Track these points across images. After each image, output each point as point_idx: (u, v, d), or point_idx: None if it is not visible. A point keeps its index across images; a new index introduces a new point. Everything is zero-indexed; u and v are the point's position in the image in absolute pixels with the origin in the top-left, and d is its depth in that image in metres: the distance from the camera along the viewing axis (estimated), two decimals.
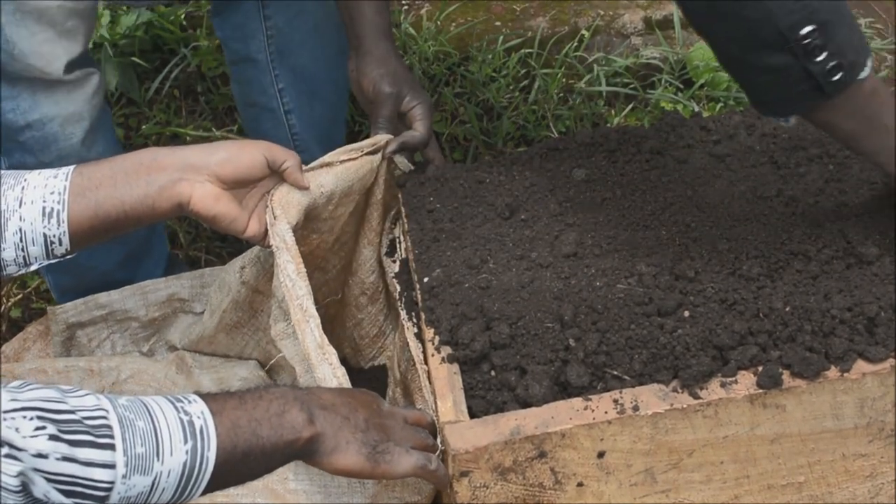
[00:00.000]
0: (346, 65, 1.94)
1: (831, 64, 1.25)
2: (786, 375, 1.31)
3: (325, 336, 1.34)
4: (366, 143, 1.58)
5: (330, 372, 1.31)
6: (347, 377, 1.32)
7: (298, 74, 1.98)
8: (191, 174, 1.34)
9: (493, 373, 1.35)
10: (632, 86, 2.56)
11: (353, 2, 1.69)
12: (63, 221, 1.27)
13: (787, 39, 1.25)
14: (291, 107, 2.02)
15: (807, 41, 1.24)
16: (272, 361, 1.73)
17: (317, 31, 1.94)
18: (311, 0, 1.90)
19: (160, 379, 1.71)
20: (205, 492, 1.07)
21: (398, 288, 1.59)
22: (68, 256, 1.31)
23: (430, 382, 1.38)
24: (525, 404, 1.30)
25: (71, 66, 1.59)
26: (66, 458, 0.95)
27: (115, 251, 1.84)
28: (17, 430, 0.93)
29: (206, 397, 1.11)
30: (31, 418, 0.94)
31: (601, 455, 1.29)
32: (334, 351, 1.33)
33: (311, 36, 1.94)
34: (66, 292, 1.89)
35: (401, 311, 1.54)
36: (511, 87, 2.55)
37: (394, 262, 1.67)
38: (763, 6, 1.23)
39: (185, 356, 1.74)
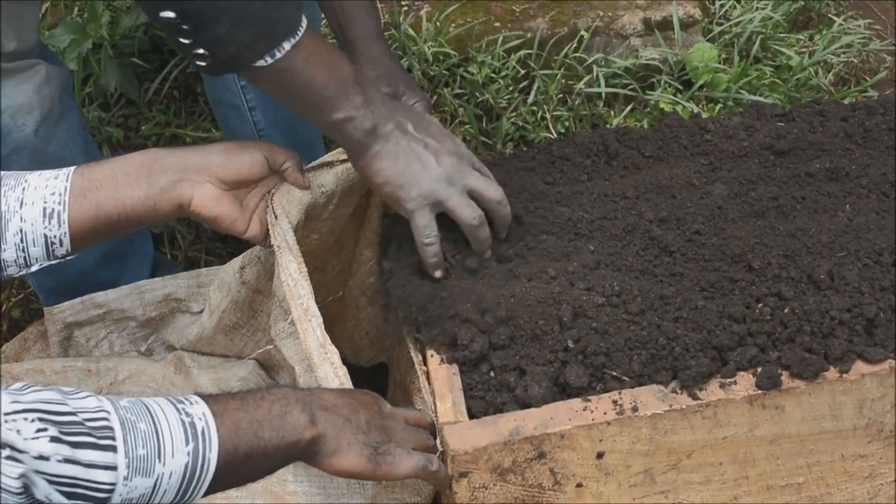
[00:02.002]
0: None
1: (198, 51, 1.27)
2: (785, 376, 1.31)
3: (327, 335, 1.34)
4: None
5: (332, 371, 1.31)
6: (349, 377, 1.32)
7: None
8: (191, 175, 1.34)
9: (492, 373, 1.35)
10: (631, 87, 2.56)
11: (342, 6, 1.68)
12: (64, 222, 1.27)
13: (153, 12, 1.25)
14: (255, 104, 2.03)
15: (168, 21, 1.24)
16: (255, 353, 1.73)
17: None
18: None
19: (158, 379, 1.71)
20: (206, 493, 1.07)
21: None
22: (69, 257, 1.31)
23: (429, 383, 1.38)
24: (524, 405, 1.30)
25: (13, 56, 1.58)
26: (67, 460, 0.95)
27: (92, 249, 1.83)
28: (18, 432, 0.93)
29: (208, 399, 1.11)
30: (33, 420, 0.94)
31: (600, 456, 1.29)
32: (336, 350, 1.33)
33: None
34: (51, 293, 1.89)
35: (400, 313, 1.54)
36: (510, 88, 2.55)
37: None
38: None
39: (183, 356, 1.74)
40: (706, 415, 1.30)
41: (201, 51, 1.27)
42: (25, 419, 0.94)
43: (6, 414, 0.93)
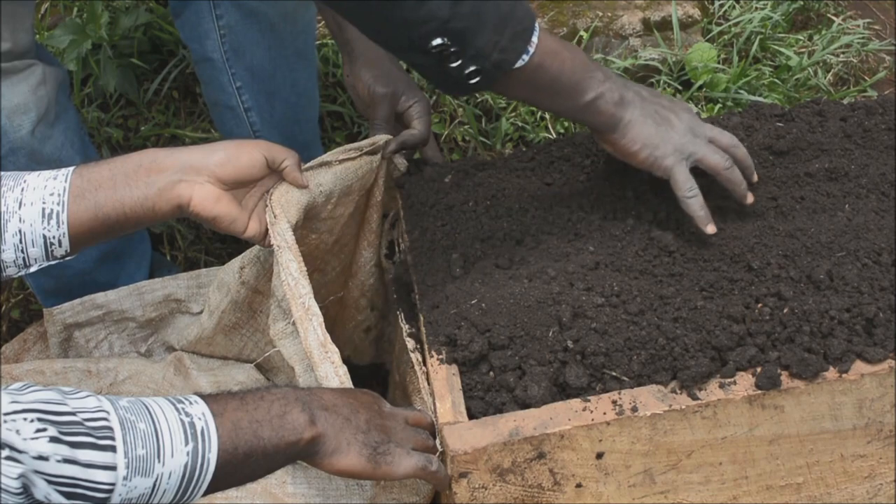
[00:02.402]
0: (306, 67, 1.95)
1: (469, 69, 1.32)
2: (784, 376, 1.32)
3: (327, 334, 1.34)
4: (365, 143, 1.58)
5: (332, 370, 1.31)
6: (349, 376, 1.32)
7: (255, 74, 1.99)
8: (190, 175, 1.34)
9: (491, 374, 1.35)
10: None
11: None
12: (63, 223, 1.27)
13: (419, 47, 1.29)
14: (250, 105, 2.03)
15: (439, 50, 1.29)
16: (260, 358, 1.73)
17: (272, 31, 1.95)
18: (266, 1, 1.91)
19: (158, 380, 1.71)
20: (206, 493, 1.07)
21: (397, 290, 1.59)
22: (68, 258, 1.31)
23: (428, 384, 1.38)
24: (524, 405, 1.30)
25: (9, 56, 1.58)
26: (66, 460, 0.95)
27: (90, 250, 1.83)
28: (17, 432, 0.93)
29: (208, 398, 1.11)
30: (32, 420, 0.94)
31: (600, 456, 1.29)
32: (336, 350, 1.33)
33: (266, 36, 1.95)
34: (49, 294, 1.89)
35: (399, 313, 1.54)
36: None
37: (393, 263, 1.67)
38: (395, 15, 1.27)
39: (183, 358, 1.74)
40: (706, 415, 1.30)
41: (472, 68, 1.31)
42: (25, 419, 0.94)
43: (6, 414, 0.93)
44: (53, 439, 0.94)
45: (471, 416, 1.31)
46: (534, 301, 1.40)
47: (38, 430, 0.94)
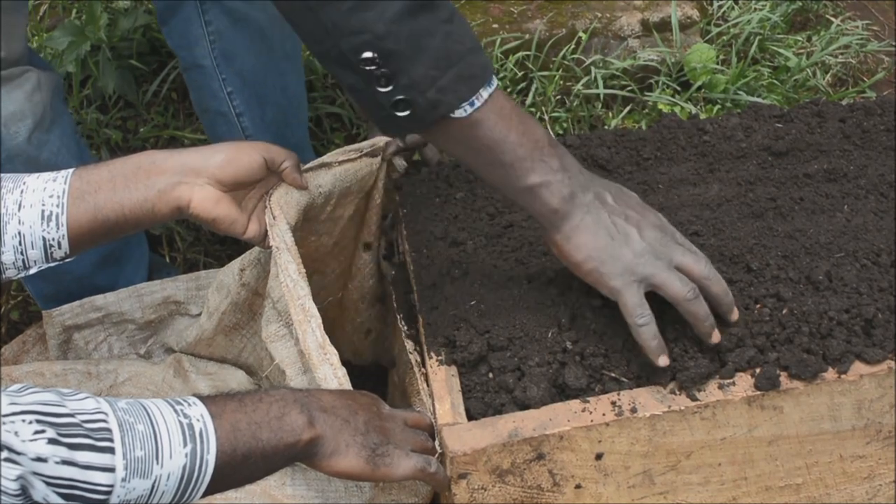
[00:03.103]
0: (294, 70, 1.95)
1: (399, 98, 1.20)
2: (783, 377, 1.31)
3: (326, 336, 1.34)
4: (365, 145, 1.58)
5: (331, 372, 1.31)
6: (348, 378, 1.32)
7: (245, 79, 1.99)
8: (190, 177, 1.34)
9: (490, 375, 1.35)
10: (629, 88, 2.56)
11: None
12: (62, 225, 1.27)
13: (349, 61, 1.20)
14: (242, 110, 2.03)
15: (369, 67, 1.18)
16: (254, 360, 1.73)
17: (262, 36, 1.95)
18: (254, 4, 1.91)
19: (157, 382, 1.71)
20: (204, 494, 1.07)
21: (396, 291, 1.59)
22: (68, 260, 1.31)
23: (428, 385, 1.38)
24: (523, 406, 1.30)
25: (2, 64, 1.58)
26: (65, 462, 0.95)
27: (89, 254, 1.83)
28: (16, 433, 0.93)
29: (206, 400, 1.11)
30: (31, 422, 0.94)
31: (599, 457, 1.29)
32: (335, 351, 1.33)
33: (256, 41, 1.95)
34: (48, 299, 1.88)
35: (398, 315, 1.54)
36: (509, 90, 2.55)
37: (392, 264, 1.67)
38: (325, 18, 1.18)
39: (182, 360, 1.74)
40: (705, 416, 1.30)
41: (402, 97, 1.20)
42: (23, 421, 0.94)
43: (4, 415, 0.93)
44: (52, 441, 0.94)
45: (470, 418, 1.31)
46: (533, 302, 1.40)
47: (37, 432, 0.94)
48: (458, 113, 1.22)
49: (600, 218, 1.29)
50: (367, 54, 1.17)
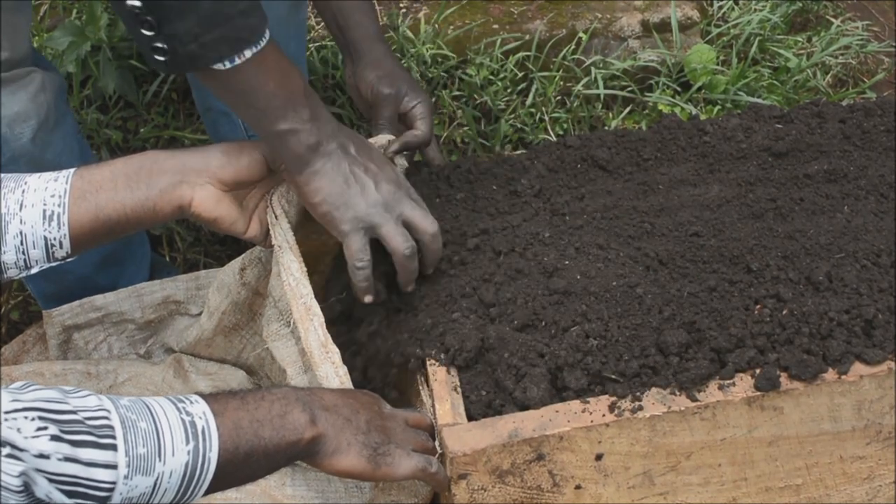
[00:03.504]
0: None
1: (158, 45, 1.23)
2: (783, 378, 1.32)
3: (328, 335, 1.34)
4: None
5: (332, 371, 1.31)
6: (349, 377, 1.32)
7: None
8: (191, 177, 1.34)
9: (490, 375, 1.35)
10: (629, 88, 2.56)
11: (340, 9, 1.68)
12: (64, 224, 1.27)
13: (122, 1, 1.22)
14: None
15: (135, 12, 1.20)
16: (253, 358, 1.72)
17: None
18: None
19: (157, 383, 1.71)
20: (206, 493, 1.08)
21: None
22: (69, 259, 1.31)
23: (428, 385, 1.38)
24: (523, 407, 1.30)
25: (7, 65, 1.58)
26: (67, 459, 0.95)
27: (91, 254, 1.83)
28: (18, 430, 0.93)
29: (208, 398, 1.11)
30: (33, 419, 0.94)
31: (599, 457, 1.29)
32: (337, 350, 1.34)
33: None
34: (49, 299, 1.88)
35: (398, 315, 1.54)
36: (509, 90, 2.55)
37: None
38: None
39: (182, 360, 1.74)
40: (705, 416, 1.30)
41: (161, 45, 1.23)
42: (26, 417, 0.94)
43: (6, 412, 0.93)
44: (54, 438, 0.94)
45: (470, 418, 1.31)
46: (533, 302, 1.40)
47: (39, 429, 0.94)
48: (217, 66, 1.26)
49: (340, 166, 1.39)
50: (134, 2, 1.19)
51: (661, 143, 1.74)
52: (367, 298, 1.43)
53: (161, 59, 1.25)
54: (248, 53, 1.27)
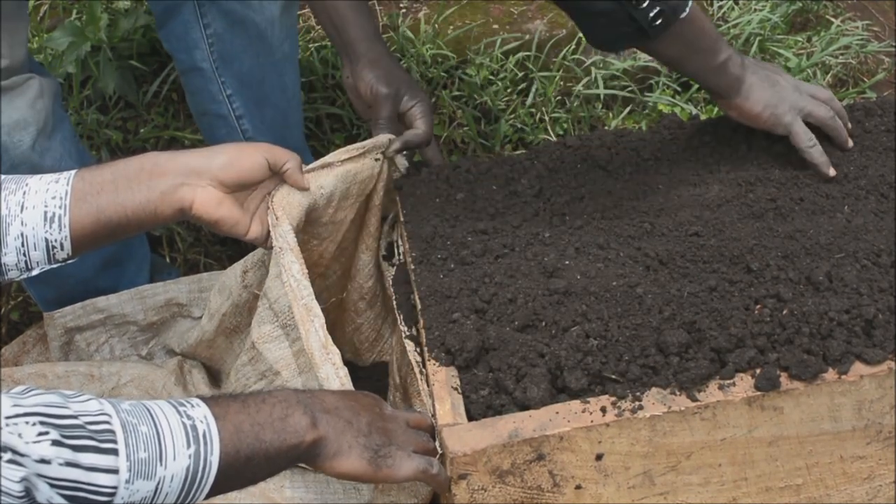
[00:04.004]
0: (292, 71, 1.95)
1: (654, 11, 1.47)
2: (783, 378, 1.32)
3: (329, 336, 1.35)
4: (368, 143, 1.58)
5: (333, 372, 1.32)
6: (350, 378, 1.32)
7: (244, 81, 1.99)
8: (192, 179, 1.34)
9: (490, 376, 1.35)
10: (629, 88, 2.56)
11: (336, 10, 1.68)
12: (65, 226, 1.27)
13: None
14: (242, 112, 2.03)
15: None
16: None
17: (260, 37, 1.95)
18: (252, 5, 1.91)
19: (158, 388, 1.71)
20: (208, 496, 1.08)
21: (396, 292, 1.59)
22: (70, 261, 1.31)
23: (428, 385, 1.38)
24: (523, 407, 1.30)
25: (6, 73, 1.58)
26: (69, 464, 0.95)
27: (91, 258, 1.83)
28: (19, 435, 0.93)
29: (209, 401, 1.11)
30: (34, 424, 0.94)
31: (599, 457, 1.29)
32: (338, 351, 1.34)
33: (254, 43, 1.95)
34: (51, 304, 1.88)
35: (398, 315, 1.54)
36: (509, 90, 2.55)
37: (392, 265, 1.67)
38: None
39: (184, 364, 1.74)
40: (705, 416, 1.30)
41: (657, 9, 1.47)
42: (27, 423, 0.94)
43: (7, 417, 0.93)
44: (56, 443, 0.95)
45: (470, 418, 1.31)
46: (533, 303, 1.40)
47: (41, 434, 0.94)
48: (683, 14, 1.51)
49: (759, 75, 1.63)
50: None
51: (661, 143, 1.74)
52: (832, 171, 1.62)
53: (658, 23, 1.49)
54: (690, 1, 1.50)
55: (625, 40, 1.57)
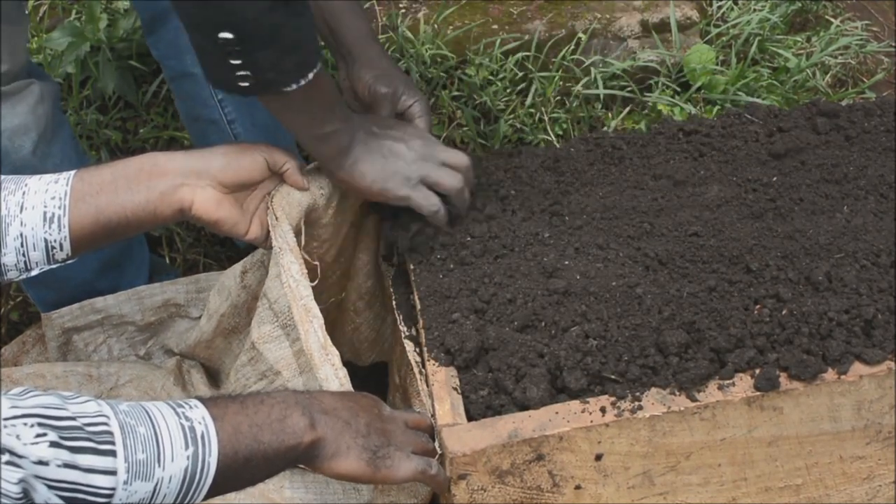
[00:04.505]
0: None
1: (242, 73, 1.32)
2: (783, 378, 1.32)
3: (328, 337, 1.34)
4: None
5: (332, 373, 1.31)
6: (349, 379, 1.32)
7: None
8: (192, 179, 1.34)
9: (490, 376, 1.35)
10: (629, 89, 2.56)
11: (331, 12, 1.68)
12: (64, 226, 1.27)
13: (209, 32, 1.30)
14: (234, 116, 2.02)
15: (227, 42, 1.28)
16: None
17: None
18: None
19: (157, 388, 1.71)
20: (206, 497, 1.08)
21: (396, 292, 1.59)
22: (69, 261, 1.31)
23: (427, 385, 1.38)
24: (523, 407, 1.30)
25: (6, 78, 1.58)
26: (67, 465, 0.95)
27: (91, 260, 1.83)
28: (18, 437, 0.93)
29: (208, 402, 1.11)
30: (32, 425, 0.94)
31: (599, 458, 1.29)
32: (337, 352, 1.34)
33: None
34: (50, 306, 1.88)
35: (398, 316, 1.54)
36: (508, 91, 2.54)
37: (391, 265, 1.67)
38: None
39: (183, 364, 1.74)
40: (705, 416, 1.30)
41: (245, 72, 1.32)
42: (25, 424, 0.94)
43: (6, 419, 0.93)
44: (54, 444, 0.95)
45: (470, 418, 1.31)
46: (532, 303, 1.40)
47: (39, 435, 0.94)
48: (286, 89, 1.36)
49: (371, 146, 1.51)
50: (226, 35, 1.27)
51: (661, 143, 1.74)
52: (449, 228, 1.58)
53: (244, 84, 1.34)
54: (310, 75, 1.36)
55: (225, 85, 1.39)
